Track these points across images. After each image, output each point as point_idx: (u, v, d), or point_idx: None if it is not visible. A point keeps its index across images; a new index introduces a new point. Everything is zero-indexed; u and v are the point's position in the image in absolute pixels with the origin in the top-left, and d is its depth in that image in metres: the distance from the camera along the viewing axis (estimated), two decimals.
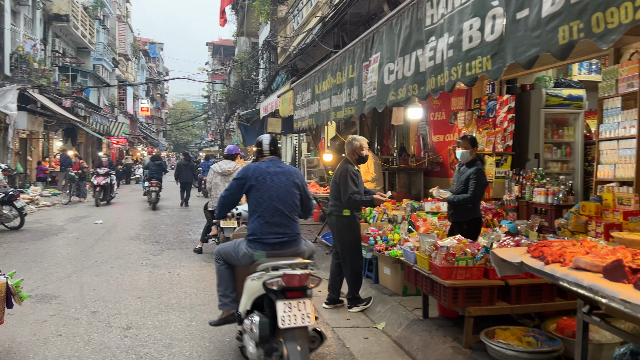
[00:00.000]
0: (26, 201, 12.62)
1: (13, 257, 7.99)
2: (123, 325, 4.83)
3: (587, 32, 2.06)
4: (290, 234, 3.85)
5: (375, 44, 4.41)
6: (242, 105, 26.38)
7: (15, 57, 18.66)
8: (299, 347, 3.19)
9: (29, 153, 21.10)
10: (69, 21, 23.86)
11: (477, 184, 5.03)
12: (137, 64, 50.80)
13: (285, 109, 10.27)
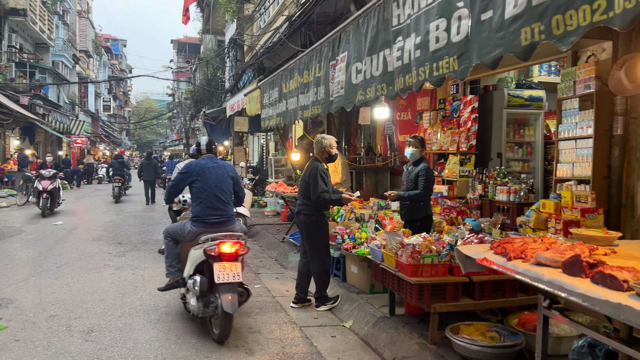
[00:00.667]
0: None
1: None
2: (84, 329, 4.70)
3: (547, 34, 2.12)
4: (226, 215, 4.83)
5: (342, 43, 4.43)
6: (208, 103, 26.05)
7: None
8: (229, 296, 4.27)
9: None
10: (26, 15, 23.01)
11: (427, 180, 5.22)
12: (99, 60, 49.47)
13: (252, 108, 10.20)
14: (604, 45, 4.47)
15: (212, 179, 4.75)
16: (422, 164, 5.32)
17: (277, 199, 12.91)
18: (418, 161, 5.38)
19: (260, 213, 13.23)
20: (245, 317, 5.17)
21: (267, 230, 10.40)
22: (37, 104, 23.74)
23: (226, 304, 4.20)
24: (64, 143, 32.02)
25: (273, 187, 10.29)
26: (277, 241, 9.12)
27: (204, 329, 4.75)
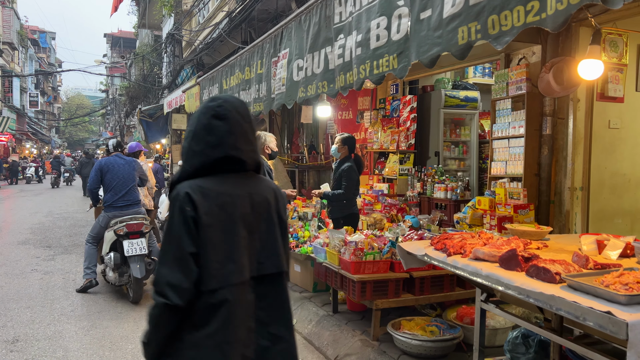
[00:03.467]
0: None
1: None
2: (9, 338, 4.39)
3: (483, 34, 2.18)
4: (132, 200, 5.93)
5: (284, 39, 4.38)
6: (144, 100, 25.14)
7: None
8: (138, 265, 5.45)
9: None
10: None
11: (349, 180, 5.28)
12: (25, 53, 46.53)
13: (192, 105, 9.93)
14: (534, 49, 4.69)
15: (120, 172, 5.87)
16: (346, 163, 5.36)
17: None
18: (343, 160, 5.43)
19: None
20: None
21: None
22: None
23: (135, 271, 5.40)
24: None
25: None
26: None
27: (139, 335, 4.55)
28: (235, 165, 1.83)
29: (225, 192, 1.79)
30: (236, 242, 1.76)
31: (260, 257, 1.83)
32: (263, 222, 1.86)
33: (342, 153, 5.45)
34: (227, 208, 1.77)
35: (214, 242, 1.71)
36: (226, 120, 1.80)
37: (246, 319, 1.76)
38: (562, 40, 4.37)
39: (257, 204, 1.85)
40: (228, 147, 1.79)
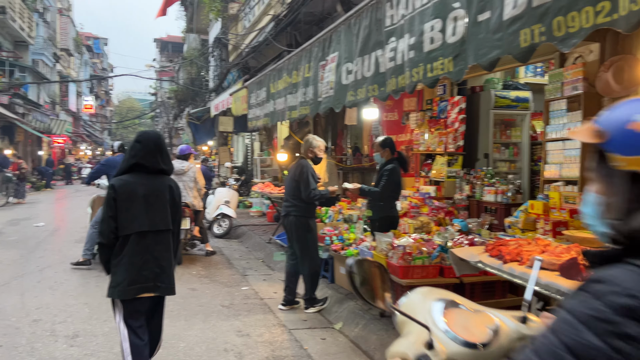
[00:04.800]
0: None
1: None
2: (69, 334, 4.59)
3: (548, 36, 2.11)
4: None
5: (332, 43, 4.40)
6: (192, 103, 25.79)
7: None
8: None
9: None
10: (5, 13, 22.55)
11: (387, 181, 5.19)
12: (80, 59, 48.71)
13: (238, 108, 10.11)
14: (591, 47, 4.51)
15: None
16: (389, 165, 5.30)
17: (263, 200, 12.83)
18: (387, 162, 5.37)
19: (245, 214, 13.13)
20: (234, 319, 5.11)
21: (253, 231, 10.33)
22: (17, 103, 23.29)
23: None
24: (44, 143, 31.45)
25: (260, 188, 10.22)
26: (264, 242, 9.06)
27: (190, 334, 4.68)
28: (143, 169, 3.25)
29: (134, 182, 3.22)
30: (138, 209, 3.17)
31: (155, 219, 3.22)
32: (157, 200, 3.25)
33: (385, 156, 5.41)
34: (133, 190, 3.18)
35: (123, 209, 3.14)
36: (139, 144, 3.27)
37: (143, 253, 3.15)
38: (622, 38, 4.18)
39: (154, 190, 3.25)
40: (138, 159, 3.23)
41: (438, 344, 1.47)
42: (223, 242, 9.84)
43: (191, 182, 7.78)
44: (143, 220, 3.17)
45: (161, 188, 3.29)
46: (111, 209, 3.13)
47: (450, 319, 1.57)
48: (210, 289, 6.30)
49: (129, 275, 3.12)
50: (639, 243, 0.88)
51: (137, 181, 3.22)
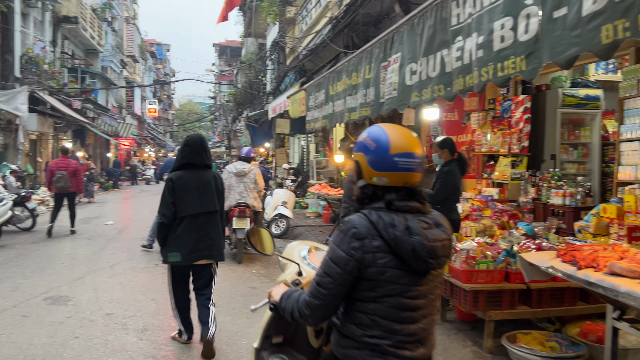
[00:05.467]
0: (37, 202, 12.65)
1: (26, 258, 8.00)
2: (139, 327, 4.81)
3: (633, 31, 2.00)
4: None
5: (395, 44, 4.36)
6: (250, 106, 26.39)
7: (25, 59, 18.74)
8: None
9: (38, 154, 21.17)
10: (77, 23, 23.94)
11: (442, 184, 5.07)
12: (145, 65, 50.95)
13: (296, 110, 10.23)
14: None
15: None
16: (447, 166, 5.17)
17: (319, 201, 12.92)
18: (445, 164, 5.24)
19: (302, 214, 13.27)
20: None
21: (309, 232, 10.41)
22: (88, 107, 24.66)
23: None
24: (111, 145, 33.12)
25: (317, 189, 10.29)
26: (321, 243, 9.11)
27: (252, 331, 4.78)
28: (192, 165, 4.21)
29: (187, 176, 4.16)
30: (191, 197, 4.13)
31: (205, 203, 4.19)
32: (205, 189, 4.20)
33: (444, 157, 5.29)
34: (187, 182, 4.14)
35: (180, 197, 4.10)
36: (187, 146, 4.23)
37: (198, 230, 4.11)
38: None
39: (202, 181, 4.20)
40: (189, 159, 4.21)
41: (304, 272, 2.30)
42: (281, 242, 9.98)
43: (252, 184, 7.95)
44: (195, 205, 4.15)
45: (208, 179, 4.24)
46: (171, 196, 4.10)
47: (312, 257, 2.47)
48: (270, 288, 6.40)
49: (188, 246, 4.10)
50: (361, 201, 1.78)
51: (189, 175, 4.18)
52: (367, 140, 1.78)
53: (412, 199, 1.74)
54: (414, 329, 1.71)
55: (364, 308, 1.70)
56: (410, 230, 1.66)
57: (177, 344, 4.42)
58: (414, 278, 1.69)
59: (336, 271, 1.68)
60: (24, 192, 10.89)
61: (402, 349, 1.69)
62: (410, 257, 1.65)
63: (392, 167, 1.71)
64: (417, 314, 1.72)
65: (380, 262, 1.65)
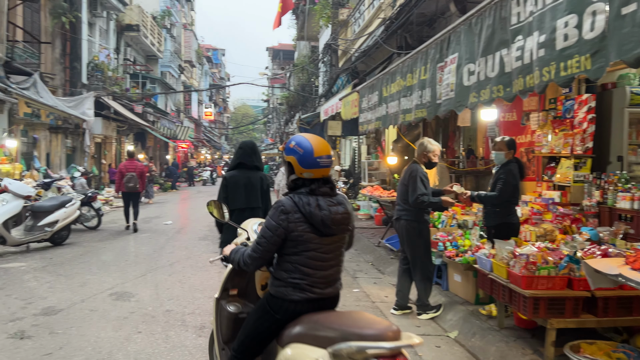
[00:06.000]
0: (101, 202, 13.32)
1: (92, 255, 8.45)
2: (197, 324, 4.97)
3: None
4: None
5: (452, 44, 4.29)
6: (302, 108, 26.66)
7: (91, 66, 19.80)
8: None
9: (103, 156, 22.29)
10: (139, 31, 25.04)
11: (505, 183, 4.87)
12: (201, 70, 52.54)
13: (348, 112, 10.25)
14: None
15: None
16: (506, 167, 4.99)
17: (371, 203, 12.86)
18: (504, 164, 5.05)
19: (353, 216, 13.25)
20: None
21: (361, 234, 10.39)
22: (148, 111, 25.74)
23: None
24: (170, 148, 34.38)
25: (369, 191, 10.25)
26: (373, 245, 9.07)
27: None
28: (244, 166, 4.79)
29: (238, 175, 4.75)
30: (240, 193, 4.71)
31: (250, 200, 4.73)
32: (252, 187, 4.76)
33: (507, 157, 5.13)
34: (238, 181, 4.73)
35: (231, 193, 4.69)
36: (241, 150, 4.87)
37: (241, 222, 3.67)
38: None
39: (250, 180, 4.77)
40: (242, 159, 4.79)
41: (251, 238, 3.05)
42: None
43: None
44: (242, 201, 4.77)
45: (255, 179, 4.85)
46: (224, 192, 4.78)
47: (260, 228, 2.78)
48: None
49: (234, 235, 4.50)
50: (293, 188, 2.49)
51: (240, 174, 4.82)
52: (296, 147, 2.50)
53: (325, 186, 2.50)
54: (324, 274, 2.50)
55: (289, 259, 2.48)
56: (320, 207, 2.43)
57: None
58: (323, 239, 2.47)
59: (269, 234, 2.44)
60: (90, 193, 11.52)
61: (314, 287, 2.47)
62: (319, 225, 2.43)
63: (315, 165, 2.48)
64: (326, 264, 2.50)
65: (300, 228, 2.43)
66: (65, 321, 4.95)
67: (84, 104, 16.94)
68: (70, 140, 18.85)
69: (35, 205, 9.16)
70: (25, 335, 4.53)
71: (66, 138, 18.49)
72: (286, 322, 2.47)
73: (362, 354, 2.07)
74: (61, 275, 6.94)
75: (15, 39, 14.86)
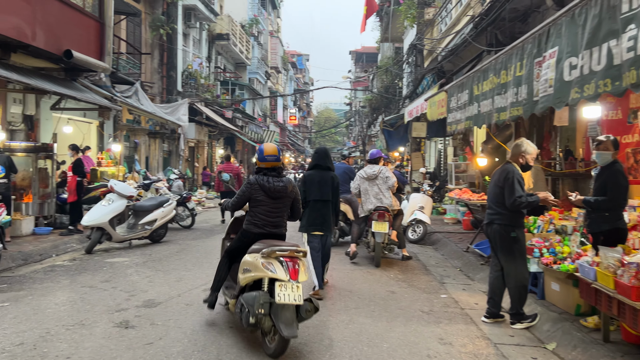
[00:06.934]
0: (195, 203, 14.07)
1: (187, 252, 8.93)
2: None
3: None
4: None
5: (551, 37, 4.03)
6: (385, 110, 26.46)
7: (185, 75, 21.02)
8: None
9: (196, 160, 23.56)
10: (229, 39, 26.21)
11: (616, 186, 4.46)
12: (286, 75, 53.93)
13: (434, 112, 10.01)
14: None
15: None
16: (612, 167, 4.57)
17: (458, 207, 12.45)
18: (609, 165, 4.63)
19: (439, 220, 12.92)
20: (434, 326, 5.05)
21: (448, 239, 10.09)
22: (237, 117, 26.85)
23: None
24: None
25: (457, 194, 9.93)
26: (461, 250, 8.78)
27: (393, 335, 4.76)
28: (319, 167, 6.36)
29: (314, 174, 6.32)
30: (315, 188, 6.20)
31: (323, 194, 6.18)
32: (325, 184, 6.21)
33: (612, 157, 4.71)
34: (313, 178, 6.27)
35: (309, 188, 6.23)
36: (316, 154, 6.60)
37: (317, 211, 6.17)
38: None
39: (323, 179, 6.24)
40: (317, 162, 6.42)
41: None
42: (418, 248, 9.83)
43: (384, 184, 7.93)
44: (317, 194, 6.20)
45: (328, 178, 6.28)
46: (303, 187, 6.23)
47: None
48: (409, 294, 6.33)
49: (309, 221, 6.24)
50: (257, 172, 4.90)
51: (315, 174, 6.32)
52: (257, 150, 4.86)
53: (272, 172, 4.71)
54: (271, 220, 4.68)
55: (253, 210, 4.68)
56: (268, 182, 4.61)
57: (319, 342, 4.57)
58: (272, 200, 4.64)
59: (241, 193, 4.72)
60: (184, 194, 12.21)
61: (265, 227, 4.65)
62: (268, 192, 4.60)
63: (265, 160, 4.72)
64: (273, 215, 4.69)
65: (257, 193, 4.63)
66: (164, 313, 5.26)
67: (179, 110, 18.01)
68: (166, 145, 20.13)
69: (136, 204, 9.85)
70: (129, 325, 4.87)
71: (163, 142, 19.77)
72: (250, 243, 4.61)
73: (274, 254, 4.20)
74: (159, 270, 7.40)
75: (119, 51, 16.14)
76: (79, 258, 8.26)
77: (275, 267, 4.13)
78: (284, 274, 4.08)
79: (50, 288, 6.25)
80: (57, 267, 7.54)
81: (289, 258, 4.17)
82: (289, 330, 3.92)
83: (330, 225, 6.24)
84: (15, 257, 7.73)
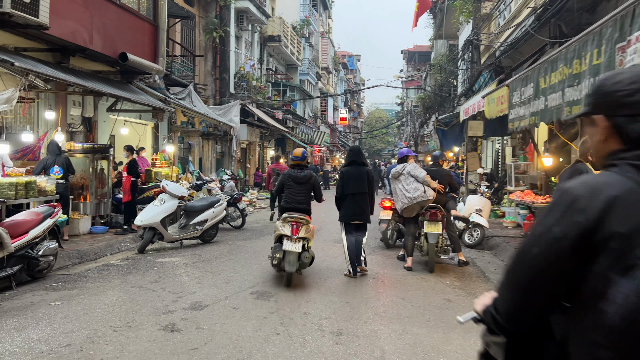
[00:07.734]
0: (246, 203, 14.07)
1: (237, 253, 8.86)
2: (334, 330, 4.81)
3: None
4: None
5: (637, 19, 3.56)
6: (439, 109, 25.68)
7: (238, 77, 21.21)
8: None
9: (247, 161, 23.76)
10: (280, 41, 26.30)
11: None
12: (337, 76, 53.71)
13: (493, 110, 9.46)
14: None
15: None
16: None
17: (518, 209, 11.78)
18: None
19: (497, 224, 12.27)
20: None
21: (508, 243, 9.50)
22: (288, 118, 26.89)
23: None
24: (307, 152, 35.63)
25: (519, 196, 9.34)
26: None
27: (450, 348, 4.40)
28: (355, 163, 7.39)
29: (351, 170, 7.34)
30: (352, 182, 7.23)
31: (359, 187, 7.19)
32: (360, 178, 7.22)
33: None
34: (350, 174, 7.30)
35: (346, 182, 7.29)
36: (352, 152, 7.71)
37: (355, 202, 7.20)
38: None
39: (358, 173, 7.25)
40: (353, 158, 7.46)
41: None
42: (475, 253, 9.32)
43: (406, 181, 7.49)
44: (354, 188, 7.13)
45: (363, 173, 7.21)
46: (341, 182, 7.28)
47: None
48: (467, 303, 5.91)
49: (347, 212, 7.18)
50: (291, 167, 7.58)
51: (352, 169, 7.25)
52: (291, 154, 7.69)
53: (298, 167, 7.05)
54: (297, 199, 6.89)
55: (285, 192, 6.97)
56: (296, 172, 6.97)
57: (371, 353, 4.28)
58: (299, 185, 6.91)
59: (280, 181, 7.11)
60: (235, 194, 12.21)
61: (292, 203, 6.84)
62: (295, 180, 6.92)
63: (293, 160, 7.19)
64: (298, 196, 6.90)
65: (289, 182, 6.93)
66: (210, 317, 5.13)
67: (231, 112, 18.16)
68: (219, 146, 20.37)
69: (187, 205, 9.90)
70: (175, 329, 4.76)
71: (216, 144, 20.01)
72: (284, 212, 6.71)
73: (286, 220, 6.54)
74: (208, 271, 7.33)
75: (174, 54, 16.44)
76: (131, 257, 8.35)
77: (285, 228, 6.42)
78: (289, 232, 6.34)
79: (101, 287, 6.29)
80: (110, 266, 7.63)
81: (294, 222, 6.44)
82: (290, 267, 6.26)
83: (367, 215, 7.19)
84: (71, 256, 7.90)
